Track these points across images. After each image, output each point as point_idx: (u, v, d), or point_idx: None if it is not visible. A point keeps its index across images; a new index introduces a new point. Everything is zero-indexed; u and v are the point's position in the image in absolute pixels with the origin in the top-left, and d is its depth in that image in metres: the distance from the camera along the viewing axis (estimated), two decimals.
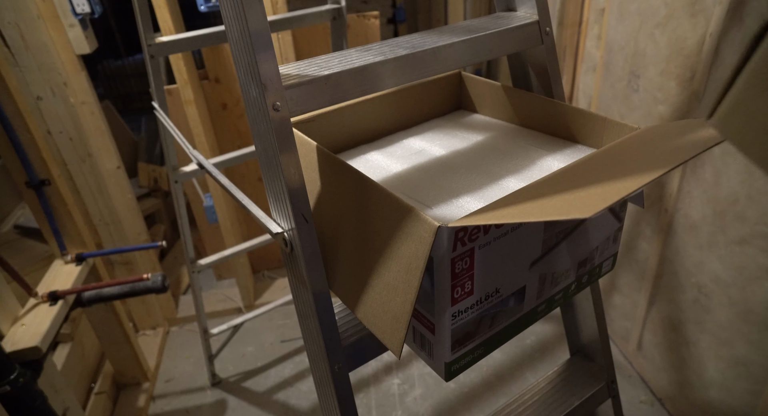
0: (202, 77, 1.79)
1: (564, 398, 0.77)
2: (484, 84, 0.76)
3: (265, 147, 0.50)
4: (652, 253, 1.35)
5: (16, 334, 1.07)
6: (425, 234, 0.43)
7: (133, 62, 4.23)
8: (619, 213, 0.62)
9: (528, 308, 0.58)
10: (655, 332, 1.40)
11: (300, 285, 0.55)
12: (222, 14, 0.47)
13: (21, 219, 1.84)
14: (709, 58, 1.05)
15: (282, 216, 0.53)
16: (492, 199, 0.55)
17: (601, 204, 0.34)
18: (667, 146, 0.45)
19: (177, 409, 1.58)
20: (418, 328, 0.54)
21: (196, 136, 1.69)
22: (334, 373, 0.57)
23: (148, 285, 1.21)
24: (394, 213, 0.46)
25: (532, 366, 1.61)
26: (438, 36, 0.59)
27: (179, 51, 1.24)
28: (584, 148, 0.65)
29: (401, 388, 1.57)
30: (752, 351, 1.09)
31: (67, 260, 1.33)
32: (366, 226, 0.51)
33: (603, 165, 0.46)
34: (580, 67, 1.63)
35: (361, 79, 0.53)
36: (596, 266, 0.65)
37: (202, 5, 1.35)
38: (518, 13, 0.67)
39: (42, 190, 1.24)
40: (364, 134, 0.74)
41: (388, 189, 0.47)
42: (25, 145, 1.19)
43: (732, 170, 1.04)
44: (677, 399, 1.36)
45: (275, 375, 1.67)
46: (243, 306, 1.98)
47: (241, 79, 0.49)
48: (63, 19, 1.43)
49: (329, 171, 0.56)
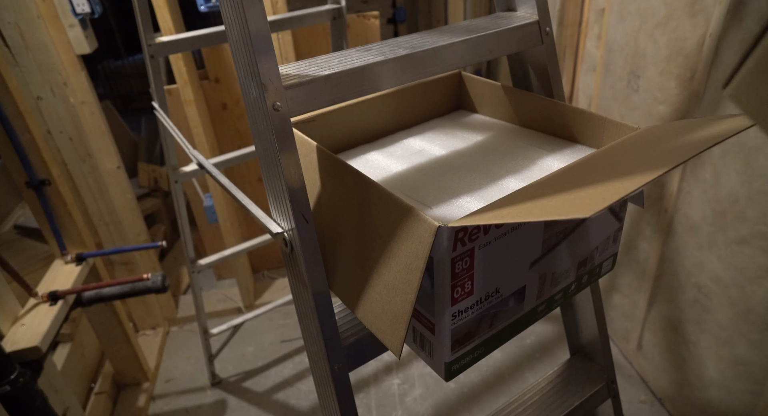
0: (202, 77, 1.79)
1: (564, 398, 0.77)
2: (484, 84, 0.76)
3: (265, 147, 0.50)
4: (652, 253, 1.35)
5: (16, 334, 1.07)
6: (425, 234, 0.43)
7: (133, 62, 4.23)
8: (619, 213, 0.62)
9: (528, 308, 0.58)
10: (655, 332, 1.40)
11: (300, 285, 0.55)
12: (222, 14, 0.47)
13: (21, 219, 1.84)
14: (709, 58, 1.05)
15: (282, 216, 0.53)
16: (492, 199, 0.55)
17: (601, 203, 0.34)
18: (667, 146, 0.45)
19: (177, 409, 1.58)
20: (418, 328, 0.54)
21: (196, 136, 1.69)
22: (334, 373, 0.57)
23: (148, 285, 1.21)
24: (394, 214, 0.46)
25: (532, 366, 1.61)
26: (438, 36, 0.59)
27: (179, 51, 1.24)
28: (584, 148, 0.65)
29: (401, 388, 1.57)
30: (752, 351, 1.09)
31: (67, 260, 1.33)
32: (366, 226, 0.51)
33: (603, 165, 0.46)
34: (580, 67, 1.63)
35: (361, 79, 0.53)
36: (596, 266, 0.65)
37: (202, 5, 1.35)
38: (518, 13, 0.67)
39: (42, 190, 1.24)
40: (364, 134, 0.74)
41: (388, 189, 0.47)
42: (25, 145, 1.19)
43: (732, 170, 1.04)
44: (677, 399, 1.36)
45: (275, 375, 1.67)
46: (243, 306, 1.98)
47: (241, 79, 0.49)
48: (63, 19, 1.43)
49: (329, 171, 0.56)
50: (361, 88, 0.53)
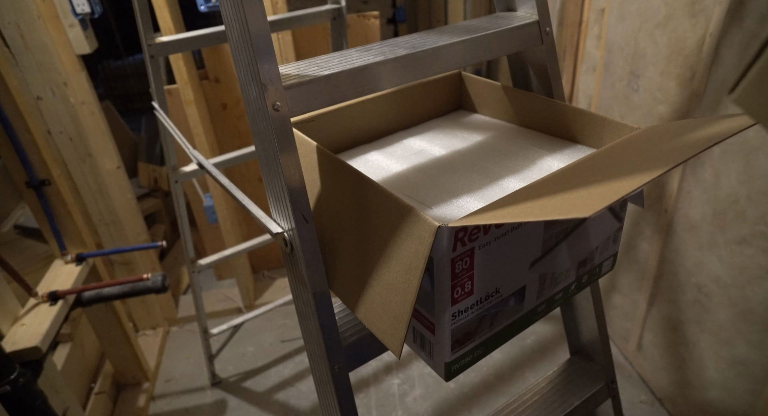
0: (202, 77, 1.79)
1: (564, 398, 0.77)
2: (484, 84, 0.76)
3: (265, 147, 0.50)
4: (652, 253, 1.35)
5: (17, 334, 1.07)
6: (425, 234, 0.43)
7: (133, 62, 4.23)
8: (619, 213, 0.62)
9: (528, 308, 0.58)
10: (655, 332, 1.40)
11: (300, 285, 0.55)
12: (222, 14, 0.47)
13: (21, 219, 1.84)
14: (709, 58, 1.05)
15: (282, 216, 0.53)
16: (492, 199, 0.55)
17: (601, 203, 0.34)
18: (667, 145, 0.45)
19: (177, 409, 1.58)
20: (418, 328, 0.54)
21: (196, 136, 1.69)
22: (334, 373, 0.57)
23: (148, 285, 1.21)
24: (394, 214, 0.46)
25: (532, 366, 1.61)
26: (438, 36, 0.59)
27: (179, 51, 1.24)
28: (584, 148, 0.65)
29: (401, 388, 1.57)
30: (752, 351, 1.09)
31: (67, 260, 1.33)
32: (366, 226, 0.51)
33: (603, 165, 0.46)
34: (580, 67, 1.63)
35: (361, 79, 0.53)
36: (596, 266, 0.65)
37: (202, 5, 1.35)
38: (518, 13, 0.67)
39: (42, 190, 1.24)
40: (364, 134, 0.74)
41: (388, 189, 0.47)
42: (25, 145, 1.20)
43: (732, 170, 1.04)
44: (677, 399, 1.36)
45: (275, 375, 1.67)
46: (243, 306, 1.98)
47: (241, 79, 0.49)
48: (63, 19, 1.43)
49: (329, 171, 0.56)
50: (361, 88, 0.53)
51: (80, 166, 1.53)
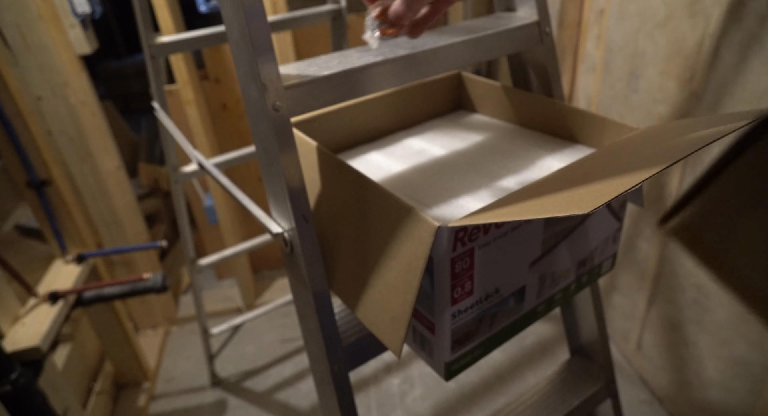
0: (202, 77, 1.79)
1: (564, 398, 0.77)
2: (484, 84, 0.76)
3: (265, 147, 0.50)
4: (651, 253, 1.35)
5: (17, 334, 1.07)
6: (425, 234, 0.43)
7: (134, 62, 4.23)
8: (619, 213, 0.62)
9: (528, 308, 0.58)
10: (655, 332, 1.40)
11: (300, 285, 0.55)
12: (222, 14, 0.48)
13: (21, 219, 1.84)
14: (709, 59, 1.05)
15: (282, 216, 0.53)
16: (492, 199, 0.55)
17: (600, 200, 0.34)
18: (666, 144, 0.45)
19: (177, 409, 1.58)
20: (418, 328, 0.54)
21: (196, 136, 1.70)
22: (334, 373, 0.57)
23: (148, 285, 1.21)
24: (394, 213, 0.46)
25: (532, 366, 1.61)
26: (438, 36, 0.60)
27: (180, 51, 1.24)
28: (584, 148, 0.65)
29: (401, 388, 1.57)
30: (751, 351, 1.09)
31: (67, 260, 1.33)
32: (366, 226, 0.51)
33: (602, 163, 0.46)
34: (580, 67, 1.63)
35: (362, 80, 0.53)
36: (596, 266, 0.65)
37: (202, 5, 1.35)
38: (518, 13, 0.67)
39: (42, 190, 1.25)
40: (364, 134, 0.74)
41: (388, 189, 0.48)
42: (26, 145, 1.20)
43: None
44: (677, 399, 1.36)
45: (275, 375, 1.67)
46: (243, 306, 1.98)
47: (241, 80, 0.49)
48: (63, 20, 1.43)
49: (329, 171, 0.57)
50: (362, 89, 0.53)
51: (81, 166, 1.53)
